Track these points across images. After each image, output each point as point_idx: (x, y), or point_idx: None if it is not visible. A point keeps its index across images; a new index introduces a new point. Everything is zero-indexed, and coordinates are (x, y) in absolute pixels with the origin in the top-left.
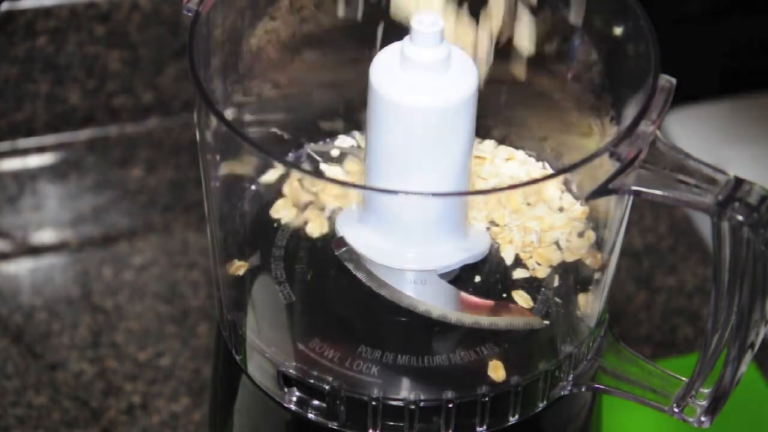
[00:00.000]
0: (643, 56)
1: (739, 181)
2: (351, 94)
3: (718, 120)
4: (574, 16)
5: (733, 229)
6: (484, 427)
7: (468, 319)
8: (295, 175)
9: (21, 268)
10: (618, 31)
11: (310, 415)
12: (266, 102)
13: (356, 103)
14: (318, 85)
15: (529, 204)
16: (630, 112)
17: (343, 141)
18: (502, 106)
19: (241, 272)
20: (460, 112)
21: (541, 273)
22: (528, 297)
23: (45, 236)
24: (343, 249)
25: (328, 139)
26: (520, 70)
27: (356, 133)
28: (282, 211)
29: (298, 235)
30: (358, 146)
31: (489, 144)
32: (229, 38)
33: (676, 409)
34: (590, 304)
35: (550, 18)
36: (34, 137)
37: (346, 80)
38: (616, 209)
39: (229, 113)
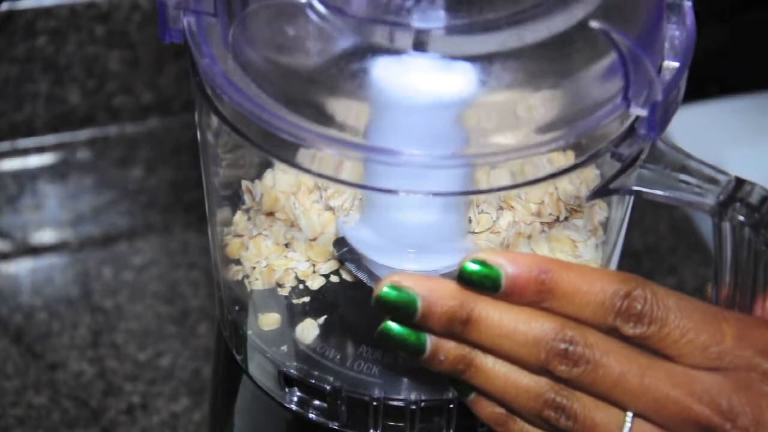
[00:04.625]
0: None
1: (740, 182)
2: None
3: (718, 120)
4: None
5: (734, 230)
6: (485, 427)
7: None
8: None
9: (21, 268)
10: None
11: (311, 415)
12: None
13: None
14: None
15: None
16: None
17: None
18: None
19: (240, 276)
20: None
21: None
22: None
23: (45, 236)
24: (344, 249)
25: None
26: None
27: None
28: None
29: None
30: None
31: None
32: None
33: None
34: None
35: None
36: (34, 137)
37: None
38: (617, 209)
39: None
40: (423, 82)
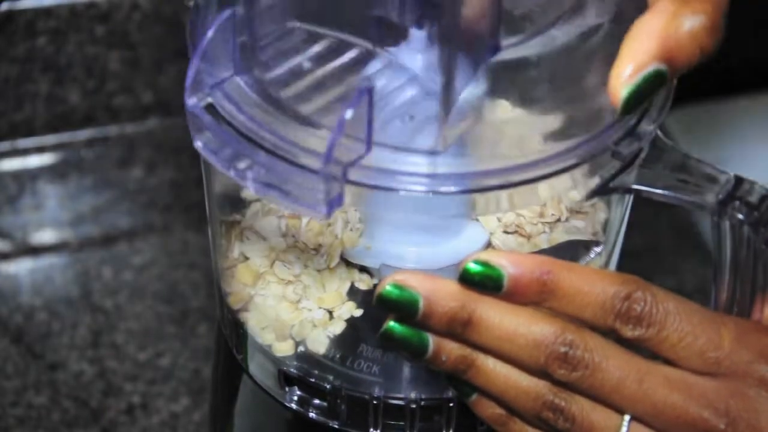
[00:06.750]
0: None
1: (739, 180)
2: None
3: (718, 120)
4: None
5: (734, 228)
6: (485, 426)
7: None
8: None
9: (21, 268)
10: None
11: (311, 414)
12: None
13: None
14: None
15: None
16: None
17: None
18: None
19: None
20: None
21: None
22: None
23: (45, 236)
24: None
25: None
26: None
27: None
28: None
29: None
30: None
31: None
32: None
33: None
34: None
35: None
36: (34, 137)
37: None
38: (616, 208)
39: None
40: None
